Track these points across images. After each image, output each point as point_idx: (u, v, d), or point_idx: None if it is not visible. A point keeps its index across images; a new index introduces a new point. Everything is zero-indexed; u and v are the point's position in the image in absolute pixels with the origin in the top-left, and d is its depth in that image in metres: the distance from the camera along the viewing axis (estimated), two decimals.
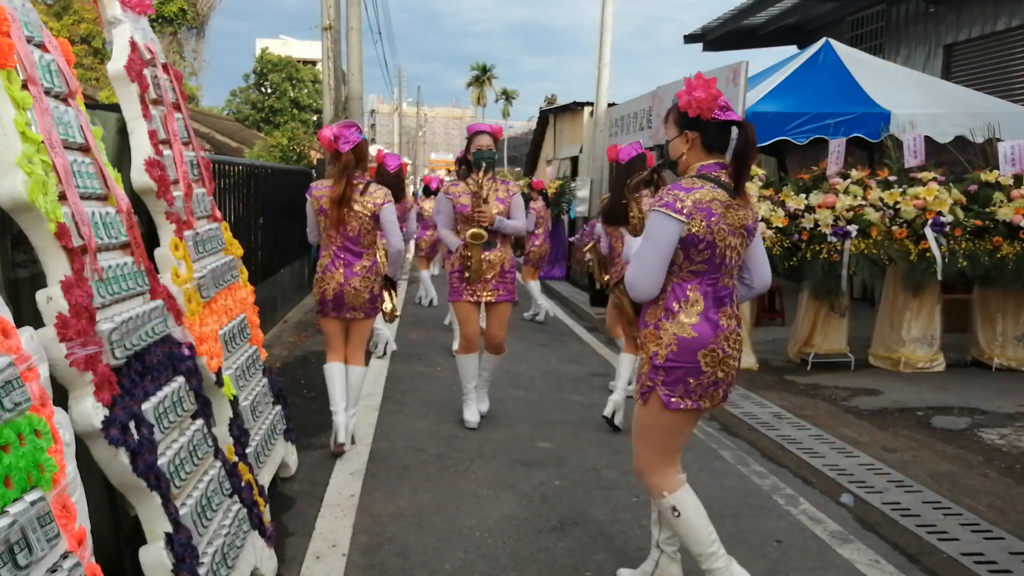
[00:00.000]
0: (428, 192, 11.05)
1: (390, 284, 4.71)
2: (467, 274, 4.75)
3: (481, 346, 5.02)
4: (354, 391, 4.51)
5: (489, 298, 4.79)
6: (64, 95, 2.38)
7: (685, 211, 2.48)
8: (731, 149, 2.58)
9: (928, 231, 6.27)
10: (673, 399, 2.57)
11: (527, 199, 8.13)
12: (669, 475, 2.71)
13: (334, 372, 4.41)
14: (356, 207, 4.23)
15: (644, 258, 2.54)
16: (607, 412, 4.96)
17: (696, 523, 2.68)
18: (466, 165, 4.86)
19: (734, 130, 2.59)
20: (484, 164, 4.76)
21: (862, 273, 6.44)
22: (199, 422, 2.72)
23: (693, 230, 2.49)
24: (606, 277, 5.55)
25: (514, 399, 5.65)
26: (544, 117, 18.84)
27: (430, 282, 10.45)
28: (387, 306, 4.68)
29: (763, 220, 6.32)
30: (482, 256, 4.74)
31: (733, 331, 2.61)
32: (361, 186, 4.24)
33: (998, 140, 6.87)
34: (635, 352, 5.13)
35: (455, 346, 6.44)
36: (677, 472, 2.74)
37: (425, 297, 10.42)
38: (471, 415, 4.95)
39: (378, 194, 4.29)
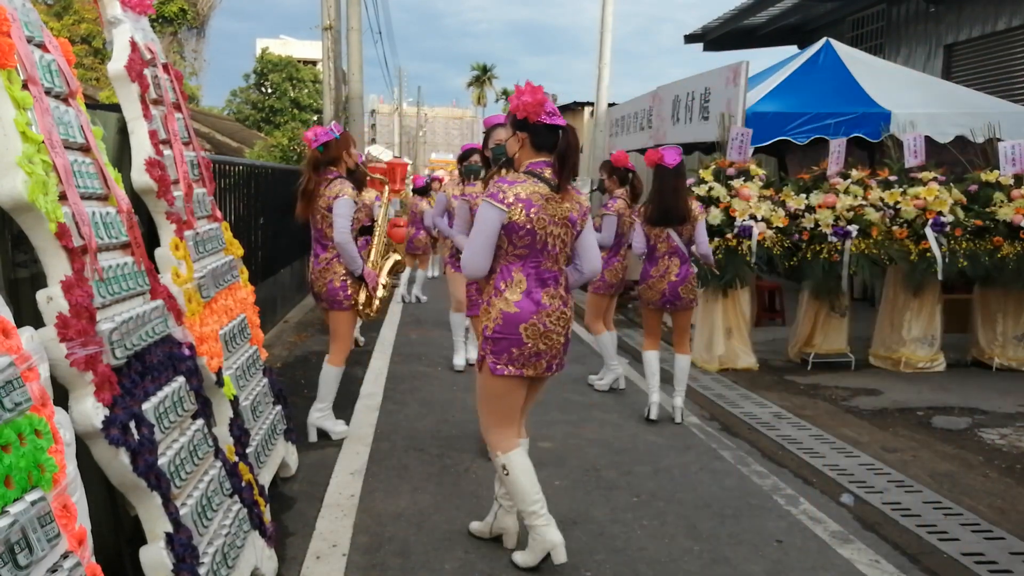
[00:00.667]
0: (419, 191, 10.98)
1: (360, 280, 4.51)
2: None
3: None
4: (320, 386, 4.64)
5: None
6: (64, 95, 2.39)
7: (507, 202, 2.86)
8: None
9: (928, 231, 6.27)
10: (498, 366, 2.94)
11: None
12: (504, 436, 3.05)
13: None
14: (320, 201, 4.35)
15: (472, 241, 2.92)
16: (653, 415, 5.13)
17: (522, 482, 2.99)
18: (484, 162, 4.38)
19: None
20: (504, 161, 4.37)
21: (862, 273, 6.44)
22: (199, 422, 2.72)
23: (514, 218, 2.86)
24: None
25: None
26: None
27: (421, 282, 10.39)
28: (361, 299, 4.48)
29: (764, 220, 6.32)
30: None
31: (556, 309, 2.98)
32: (327, 181, 4.35)
33: (998, 140, 6.88)
34: (656, 349, 5.24)
35: (456, 360, 6.45)
36: (514, 435, 3.08)
37: (408, 295, 10.29)
38: (458, 359, 5.32)
39: (335, 188, 4.31)
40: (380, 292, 4.64)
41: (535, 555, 3.03)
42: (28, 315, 2.09)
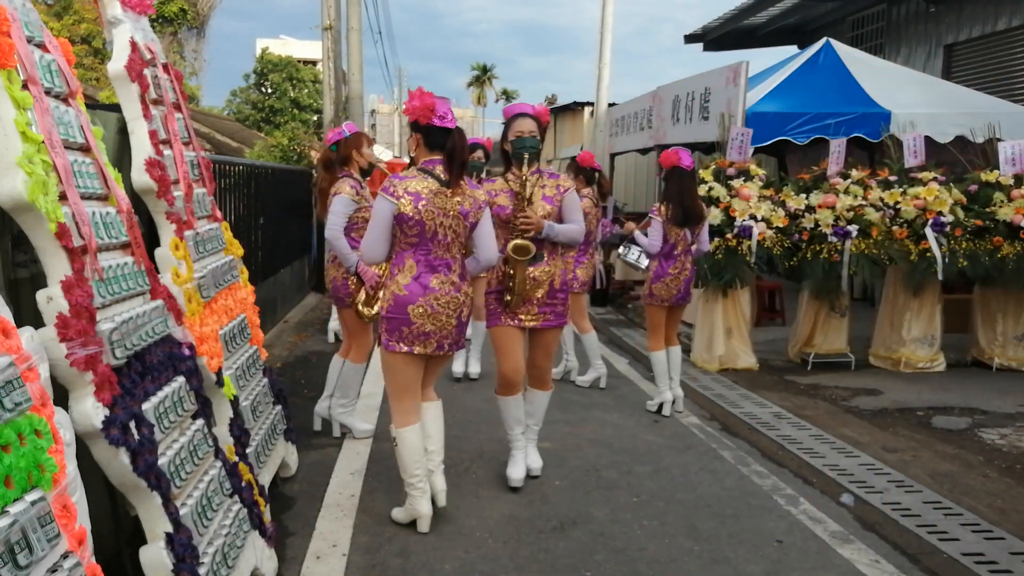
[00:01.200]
0: None
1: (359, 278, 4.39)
2: (508, 297, 3.76)
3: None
4: (340, 382, 4.65)
5: (533, 323, 3.82)
6: (64, 95, 2.39)
7: (396, 195, 3.20)
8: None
9: (928, 231, 6.27)
10: (391, 343, 3.28)
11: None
12: (403, 411, 3.38)
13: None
14: (328, 199, 4.41)
15: (369, 231, 3.27)
16: (666, 412, 5.30)
17: (406, 457, 3.38)
18: (503, 157, 3.94)
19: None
20: (527, 156, 3.78)
21: (862, 273, 6.44)
22: (199, 422, 2.72)
23: (403, 210, 3.18)
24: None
25: None
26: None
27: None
28: (360, 298, 4.31)
29: (764, 220, 6.32)
30: (528, 273, 3.76)
31: (447, 294, 3.29)
32: (339, 180, 4.40)
33: (998, 140, 6.87)
34: (661, 348, 5.29)
35: (455, 367, 6.07)
36: (412, 411, 3.40)
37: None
38: (516, 471, 3.98)
39: (335, 186, 4.36)
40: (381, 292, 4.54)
41: (406, 515, 3.46)
42: (28, 315, 2.09)
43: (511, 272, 3.75)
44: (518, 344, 3.85)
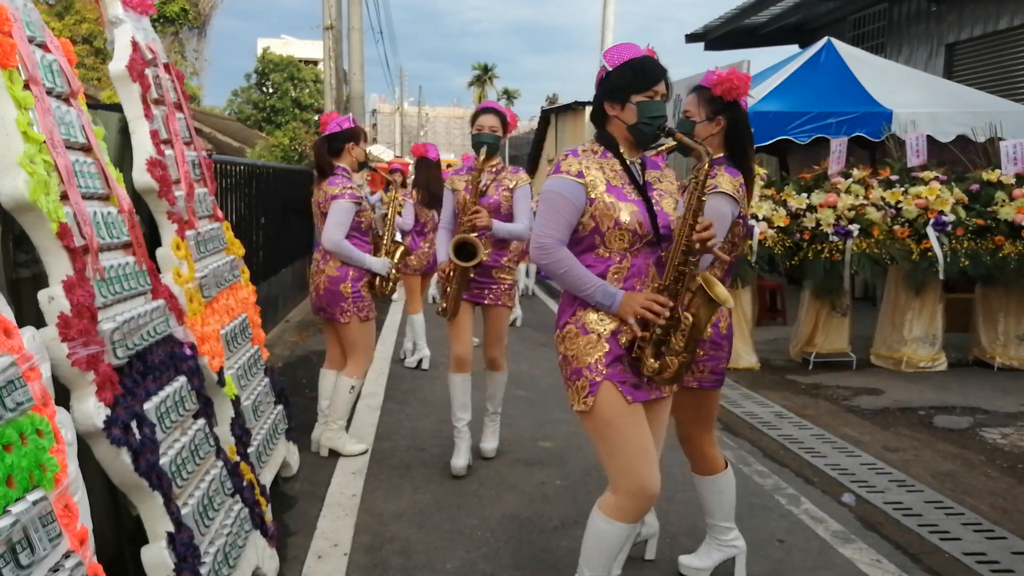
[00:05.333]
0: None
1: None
2: (443, 304, 4.04)
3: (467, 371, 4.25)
4: (334, 400, 4.44)
5: (490, 300, 4.09)
6: (66, 95, 2.39)
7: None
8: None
9: (930, 230, 6.26)
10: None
11: None
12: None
13: None
14: (318, 193, 4.29)
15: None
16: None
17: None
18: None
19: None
20: (485, 149, 3.95)
21: (864, 272, 6.43)
22: (201, 422, 2.72)
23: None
24: None
25: (515, 398, 5.64)
26: (545, 116, 18.82)
27: (422, 329, 6.63)
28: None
29: (765, 219, 6.32)
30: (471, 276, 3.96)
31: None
32: (333, 178, 4.22)
33: (1000, 139, 6.87)
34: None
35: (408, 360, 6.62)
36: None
37: (412, 353, 6.71)
38: (459, 459, 4.07)
39: (334, 188, 4.16)
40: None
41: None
42: (30, 315, 2.09)
43: (448, 274, 3.96)
44: (468, 319, 4.10)
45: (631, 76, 2.34)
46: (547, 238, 2.33)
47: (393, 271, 4.46)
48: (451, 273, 3.94)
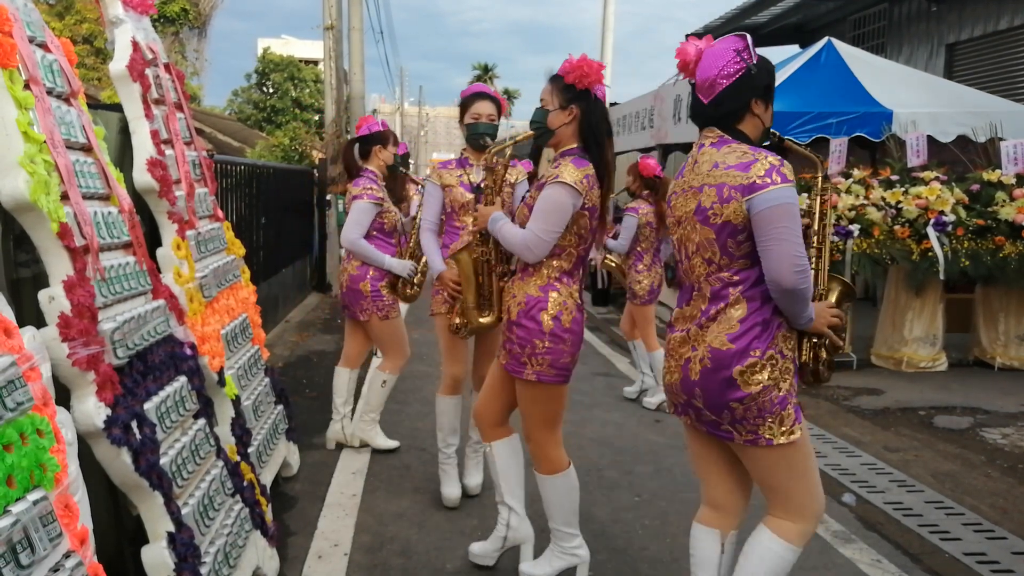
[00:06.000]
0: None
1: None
2: (457, 321, 3.17)
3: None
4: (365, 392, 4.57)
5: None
6: (66, 95, 2.39)
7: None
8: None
9: (930, 230, 6.26)
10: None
11: None
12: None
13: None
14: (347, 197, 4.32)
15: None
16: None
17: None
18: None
19: None
20: (487, 142, 3.47)
21: (864, 272, 6.43)
22: (201, 422, 2.72)
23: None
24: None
25: None
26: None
27: None
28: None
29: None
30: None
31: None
32: (359, 178, 4.27)
33: (1000, 139, 6.86)
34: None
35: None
36: None
37: None
38: (450, 489, 3.73)
39: (356, 188, 4.22)
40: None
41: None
42: (30, 315, 2.09)
43: (456, 287, 3.26)
44: (465, 345, 3.72)
45: (770, 78, 2.23)
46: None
47: (418, 275, 4.36)
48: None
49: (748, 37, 2.20)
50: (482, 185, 3.31)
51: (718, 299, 2.16)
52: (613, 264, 5.87)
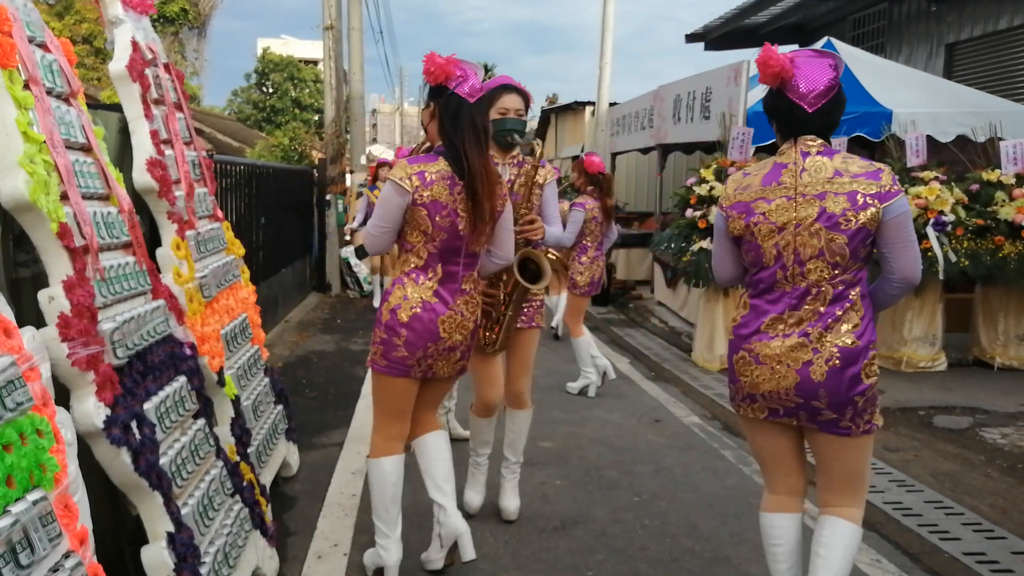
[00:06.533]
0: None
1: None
2: (491, 338, 3.26)
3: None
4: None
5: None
6: (66, 95, 2.39)
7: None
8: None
9: (930, 230, 6.26)
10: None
11: None
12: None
13: None
14: None
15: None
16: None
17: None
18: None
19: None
20: (515, 139, 3.25)
21: None
22: (201, 422, 2.72)
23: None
24: None
25: None
26: (545, 116, 18.83)
27: None
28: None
29: None
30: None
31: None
32: None
33: (1000, 139, 6.86)
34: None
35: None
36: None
37: None
38: (475, 496, 3.62)
39: None
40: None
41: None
42: (30, 315, 2.09)
43: (499, 298, 3.22)
44: (497, 364, 3.41)
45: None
46: None
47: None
48: (507, 296, 3.24)
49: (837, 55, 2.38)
50: (513, 186, 3.27)
51: (842, 300, 2.26)
52: (554, 257, 5.89)
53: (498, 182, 2.81)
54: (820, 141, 2.30)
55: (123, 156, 2.99)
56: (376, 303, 9.45)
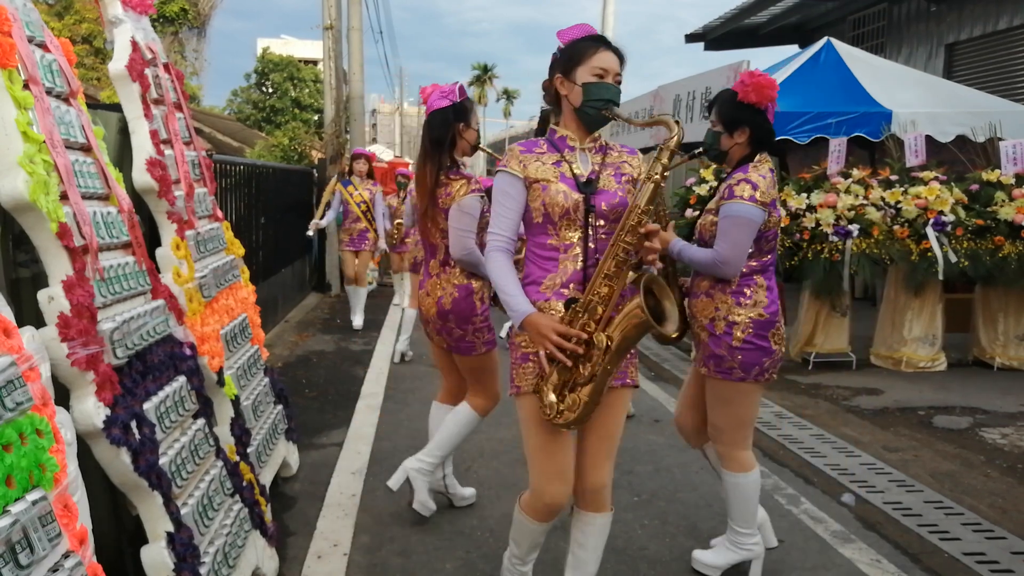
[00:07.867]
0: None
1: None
2: (572, 405, 2.20)
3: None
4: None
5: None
6: (66, 95, 2.39)
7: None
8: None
9: (929, 230, 6.26)
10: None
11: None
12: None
13: None
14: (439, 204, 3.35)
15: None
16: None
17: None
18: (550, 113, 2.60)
19: None
20: (612, 113, 2.25)
21: (863, 272, 6.43)
22: (200, 422, 2.72)
23: None
24: None
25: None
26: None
27: (410, 323, 6.88)
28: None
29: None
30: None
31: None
32: (454, 180, 3.33)
33: (999, 139, 6.87)
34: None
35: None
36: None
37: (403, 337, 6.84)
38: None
39: (453, 187, 3.33)
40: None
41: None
42: (30, 315, 2.09)
43: (607, 343, 2.14)
44: (569, 446, 2.34)
45: (570, 53, 2.32)
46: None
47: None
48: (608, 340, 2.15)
49: None
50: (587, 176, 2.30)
51: None
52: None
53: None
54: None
55: (123, 156, 2.99)
56: (397, 301, 9.33)
